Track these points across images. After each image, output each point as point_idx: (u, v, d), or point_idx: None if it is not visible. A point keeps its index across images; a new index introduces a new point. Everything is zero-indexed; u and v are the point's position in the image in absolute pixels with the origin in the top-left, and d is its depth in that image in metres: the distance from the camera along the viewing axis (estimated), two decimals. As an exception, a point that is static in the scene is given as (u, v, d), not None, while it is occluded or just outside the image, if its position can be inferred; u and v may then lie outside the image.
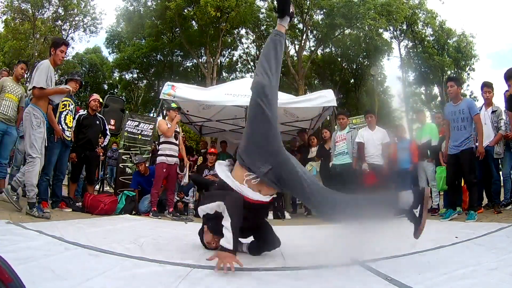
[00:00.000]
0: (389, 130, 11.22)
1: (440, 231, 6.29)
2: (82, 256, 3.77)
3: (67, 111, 8.54)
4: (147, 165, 10.98)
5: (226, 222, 3.44)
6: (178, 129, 10.33)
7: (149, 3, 38.47)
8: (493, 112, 8.98)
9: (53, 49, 7.12)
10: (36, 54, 36.79)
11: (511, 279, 3.06)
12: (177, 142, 10.10)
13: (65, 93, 7.30)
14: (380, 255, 4.16)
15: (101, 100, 10.50)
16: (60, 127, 8.24)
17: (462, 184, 8.87)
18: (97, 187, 11.60)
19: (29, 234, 4.70)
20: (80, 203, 9.07)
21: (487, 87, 9.40)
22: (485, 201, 9.33)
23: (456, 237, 5.14)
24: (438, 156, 9.81)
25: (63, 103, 8.43)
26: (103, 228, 6.37)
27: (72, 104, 8.77)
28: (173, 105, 10.58)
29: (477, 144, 8.16)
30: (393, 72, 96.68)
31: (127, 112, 13.59)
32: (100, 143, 10.41)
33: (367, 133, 10.45)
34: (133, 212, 9.72)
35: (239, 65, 46.91)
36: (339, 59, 42.54)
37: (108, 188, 13.51)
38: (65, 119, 8.45)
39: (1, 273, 1.72)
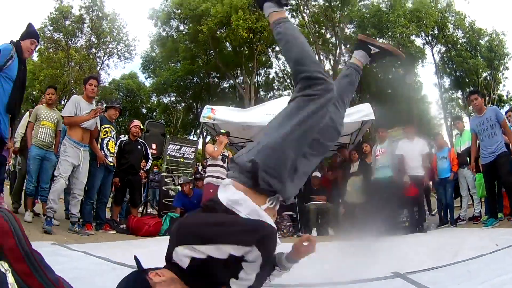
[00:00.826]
0: (428, 139, 11.16)
1: (481, 239, 6.30)
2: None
3: (108, 137, 8.80)
4: (191, 187, 11.03)
5: (249, 276, 2.23)
6: (226, 153, 10.57)
7: (181, 28, 38.89)
8: None
9: (83, 86, 8.03)
10: (72, 81, 37.57)
11: None
12: (225, 165, 10.24)
13: (89, 119, 7.59)
14: (421, 267, 4.14)
15: (141, 126, 10.77)
16: (103, 153, 8.48)
17: (503, 190, 8.73)
18: (140, 209, 11.70)
19: (75, 255, 4.86)
20: (124, 225, 9.30)
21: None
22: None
23: (497, 245, 5.11)
24: (477, 163, 9.53)
25: (104, 130, 8.73)
26: (149, 249, 6.53)
27: (113, 131, 9.03)
28: (223, 130, 10.77)
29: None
30: (429, 79, 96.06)
31: (168, 136, 13.83)
32: (142, 167, 10.62)
33: (407, 145, 10.41)
34: (177, 233, 9.70)
35: (276, 83, 46.76)
36: (375, 70, 42.28)
37: (151, 210, 13.64)
38: (107, 145, 8.72)
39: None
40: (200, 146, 23.04)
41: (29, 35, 5.93)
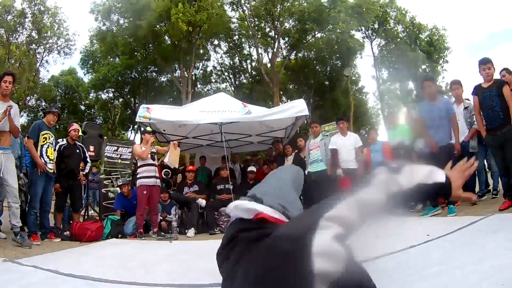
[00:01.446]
0: (362, 134, 11.54)
1: (414, 229, 6.37)
2: (79, 287, 4.05)
3: (47, 144, 8.69)
4: (129, 188, 11.10)
5: None
6: (154, 150, 10.60)
7: (121, 21, 38.41)
8: (465, 108, 9.26)
9: None
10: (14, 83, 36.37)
11: (476, 276, 3.28)
12: (154, 162, 10.34)
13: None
14: None
15: (80, 130, 10.73)
16: (42, 160, 8.42)
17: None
18: (82, 212, 11.74)
19: (26, 271, 4.92)
20: (68, 232, 9.32)
21: (455, 84, 9.79)
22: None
23: (428, 235, 5.34)
24: (411, 155, 9.83)
25: (43, 136, 8.63)
26: (94, 255, 6.65)
27: (52, 137, 8.91)
28: (148, 129, 10.84)
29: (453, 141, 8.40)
30: (367, 71, 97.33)
31: (105, 137, 13.73)
32: (81, 167, 10.60)
33: (340, 139, 10.74)
34: (119, 236, 9.88)
35: (214, 76, 46.96)
36: (313, 62, 42.89)
37: (92, 212, 13.60)
38: (46, 152, 8.61)
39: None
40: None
41: None
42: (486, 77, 7.66)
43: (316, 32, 38.35)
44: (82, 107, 47.74)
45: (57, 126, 9.25)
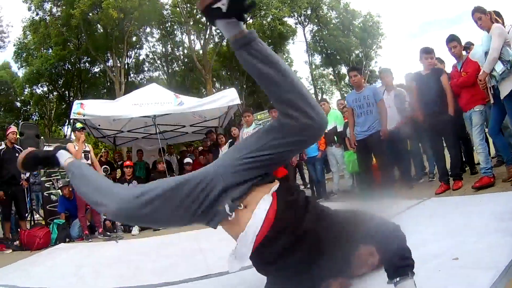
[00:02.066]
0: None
1: None
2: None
3: None
4: (70, 189, 10.89)
5: None
6: (87, 148, 10.44)
7: (54, 10, 37.65)
8: (396, 96, 9.60)
9: None
10: None
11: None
12: (89, 162, 10.13)
13: None
14: None
15: (17, 132, 10.71)
16: None
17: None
18: (28, 218, 11.52)
19: None
20: (17, 241, 9.32)
21: (384, 72, 10.23)
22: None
23: None
24: (345, 141, 10.38)
25: None
26: (45, 265, 6.84)
27: None
28: (78, 125, 10.75)
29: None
30: (300, 56, 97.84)
31: (42, 137, 13.62)
32: (22, 171, 10.14)
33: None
34: (67, 239, 9.89)
35: (146, 64, 46.75)
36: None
37: (37, 216, 13.49)
38: None
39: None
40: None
41: None
42: (427, 65, 8.07)
43: (248, 18, 38.09)
44: (18, 104, 46.12)
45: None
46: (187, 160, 13.01)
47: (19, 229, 9.98)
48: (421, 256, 3.00)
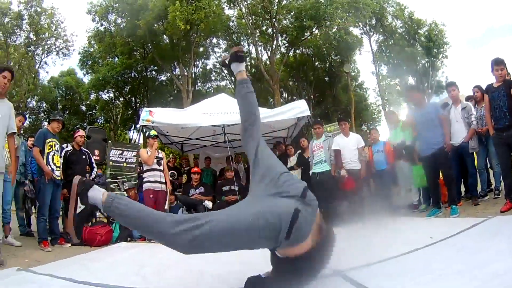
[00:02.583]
0: (363, 131, 11.62)
1: (417, 231, 6.64)
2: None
3: (53, 151, 8.73)
4: (136, 191, 11.20)
5: None
6: (161, 155, 10.71)
7: (119, 21, 38.24)
8: (463, 109, 9.31)
9: None
10: (12, 82, 36.43)
11: (477, 281, 3.24)
12: (161, 167, 10.47)
13: None
14: (357, 263, 4.40)
15: (85, 135, 10.79)
16: (49, 168, 8.47)
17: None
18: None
19: (42, 280, 4.93)
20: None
21: (450, 86, 9.79)
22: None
23: (431, 238, 5.38)
24: (413, 155, 10.04)
25: (49, 144, 8.67)
26: (106, 261, 6.71)
27: (57, 144, 8.98)
28: (152, 133, 11.00)
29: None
30: (367, 66, 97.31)
31: (109, 141, 13.91)
32: (87, 170, 10.52)
33: (342, 140, 10.82)
34: (128, 239, 10.01)
35: (213, 73, 46.80)
36: (312, 59, 42.86)
37: (99, 214, 13.69)
38: (53, 160, 8.66)
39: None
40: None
41: None
42: (498, 77, 7.72)
43: (314, 29, 38.10)
44: (84, 108, 47.61)
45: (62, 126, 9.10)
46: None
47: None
48: (484, 275, 3.22)
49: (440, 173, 8.98)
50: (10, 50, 36.88)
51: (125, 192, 11.71)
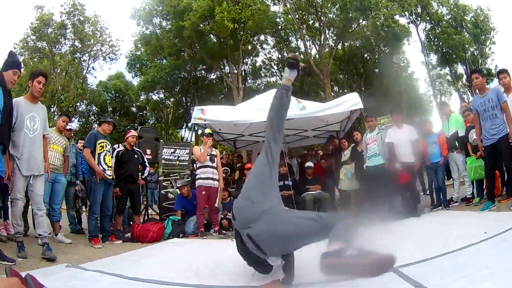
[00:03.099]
0: (417, 126, 11.33)
1: (470, 226, 6.52)
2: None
3: (105, 152, 8.87)
4: (189, 189, 11.24)
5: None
6: (214, 152, 10.72)
7: (164, 24, 38.59)
8: None
9: (30, 81, 6.75)
10: (60, 88, 37.89)
11: None
12: (214, 164, 10.49)
13: None
14: (412, 259, 4.34)
15: (137, 135, 10.93)
16: (101, 168, 8.58)
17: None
18: (142, 213, 11.97)
19: (92, 276, 4.95)
20: (129, 234, 9.45)
21: (502, 73, 9.16)
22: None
23: (485, 233, 5.23)
24: (466, 147, 9.90)
25: (100, 145, 8.81)
26: (157, 258, 6.69)
27: (108, 145, 9.10)
28: (207, 131, 10.98)
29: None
30: (416, 56, 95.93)
31: (161, 140, 14.03)
32: (139, 169, 10.70)
33: (395, 132, 10.45)
34: (181, 235, 10.06)
35: (263, 70, 46.73)
36: (361, 51, 42.55)
37: (151, 211, 13.94)
38: (104, 160, 8.78)
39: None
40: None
41: (11, 65, 5.82)
42: None
43: (361, 20, 37.60)
44: (134, 109, 48.64)
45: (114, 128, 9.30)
46: (309, 164, 12.75)
47: (131, 223, 10.37)
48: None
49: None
50: (56, 59, 37.98)
51: (177, 190, 11.80)
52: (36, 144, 6.65)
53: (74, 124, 40.86)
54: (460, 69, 42.26)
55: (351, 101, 12.16)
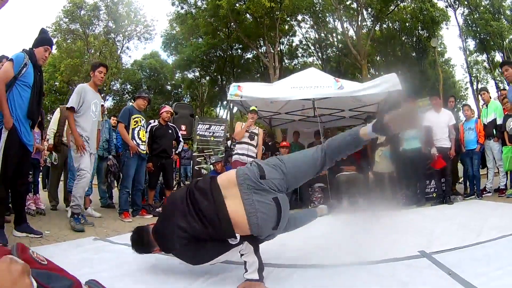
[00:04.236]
0: (455, 110, 11.13)
1: (504, 217, 6.49)
2: (173, 266, 3.95)
3: (139, 127, 8.92)
4: (223, 164, 11.25)
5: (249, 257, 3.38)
6: (256, 130, 10.70)
7: (199, 3, 38.93)
8: None
9: (92, 72, 7.53)
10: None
11: None
12: (253, 142, 10.43)
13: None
14: (445, 246, 4.37)
15: (172, 111, 10.86)
16: (134, 143, 8.64)
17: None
18: (175, 189, 11.88)
19: (118, 249, 4.98)
20: (159, 208, 9.29)
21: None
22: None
23: None
24: (503, 136, 9.67)
25: (135, 120, 8.86)
26: None
27: (143, 120, 9.14)
28: (252, 108, 10.86)
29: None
30: (453, 42, 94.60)
31: (196, 117, 14.08)
32: (173, 145, 10.72)
33: (433, 116, 10.28)
34: (212, 211, 9.93)
35: (300, 50, 46.61)
36: (398, 34, 42.14)
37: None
38: (138, 135, 8.84)
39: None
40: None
41: (42, 42, 5.85)
42: None
43: (399, 2, 37.36)
44: (169, 87, 49.36)
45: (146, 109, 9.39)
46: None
47: (163, 197, 10.67)
48: None
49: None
50: (90, 40, 38.56)
51: (211, 166, 11.92)
52: (96, 128, 7.51)
53: (108, 102, 42.16)
54: (498, 56, 41.35)
55: (390, 82, 11.72)
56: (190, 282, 3.47)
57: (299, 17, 42.09)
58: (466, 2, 39.02)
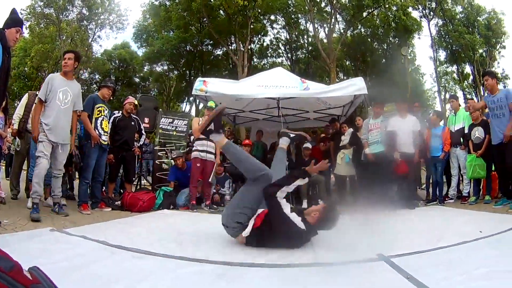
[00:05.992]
0: (422, 117, 11.27)
1: (466, 223, 6.48)
2: (127, 260, 3.95)
3: (102, 116, 8.75)
4: (184, 160, 11.21)
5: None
6: None
7: (174, -4, 38.50)
8: None
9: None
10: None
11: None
12: None
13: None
14: (405, 250, 4.31)
15: (136, 103, 10.81)
16: (97, 132, 8.50)
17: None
18: (135, 182, 11.94)
19: (74, 241, 4.87)
20: (119, 202, 9.33)
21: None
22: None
23: (481, 232, 5.21)
24: (469, 144, 9.84)
25: (98, 109, 8.70)
26: (144, 227, 6.61)
27: (106, 110, 8.95)
28: (210, 104, 10.67)
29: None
30: (424, 51, 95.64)
31: (160, 110, 13.98)
32: (136, 139, 10.66)
33: (399, 121, 10.35)
34: (171, 207, 9.95)
35: (270, 50, 46.57)
36: (369, 40, 42.25)
37: (144, 182, 13.93)
38: (101, 124, 8.68)
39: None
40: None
41: (14, 23, 5.72)
42: None
43: (372, 9, 37.51)
44: (137, 80, 49.15)
45: (111, 98, 9.16)
46: (307, 145, 12.40)
47: (122, 191, 10.68)
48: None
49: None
50: (62, 25, 38.09)
51: (172, 161, 11.85)
52: (66, 116, 7.40)
53: (75, 92, 41.44)
54: (468, 69, 42.29)
55: (356, 86, 11.80)
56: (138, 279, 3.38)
57: (272, 17, 42.30)
58: (441, 14, 39.51)
